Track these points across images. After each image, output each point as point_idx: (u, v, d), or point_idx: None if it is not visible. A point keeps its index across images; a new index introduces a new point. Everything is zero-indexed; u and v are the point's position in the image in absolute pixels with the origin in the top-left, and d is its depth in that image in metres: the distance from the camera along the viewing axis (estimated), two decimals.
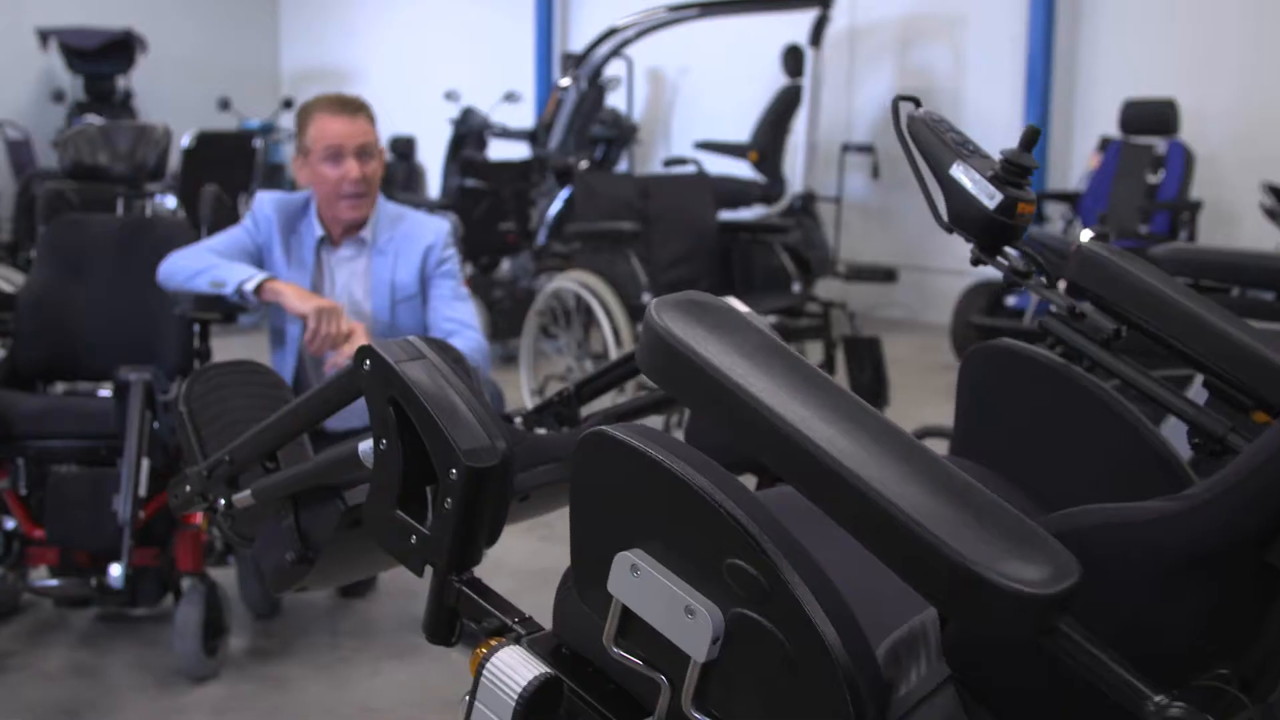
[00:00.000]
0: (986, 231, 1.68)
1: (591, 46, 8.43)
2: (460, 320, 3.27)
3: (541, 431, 2.20)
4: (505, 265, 7.43)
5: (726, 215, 6.23)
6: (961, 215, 1.72)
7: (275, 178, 10.97)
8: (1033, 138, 1.66)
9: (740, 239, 5.31)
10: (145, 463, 2.89)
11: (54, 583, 3.04)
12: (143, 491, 2.87)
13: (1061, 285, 1.65)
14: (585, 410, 2.23)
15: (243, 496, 1.76)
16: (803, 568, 1.05)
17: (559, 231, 7.55)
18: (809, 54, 7.91)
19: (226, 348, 3.51)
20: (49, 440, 3.04)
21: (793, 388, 1.08)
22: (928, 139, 1.81)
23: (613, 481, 1.19)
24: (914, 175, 1.86)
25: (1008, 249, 1.71)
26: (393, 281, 3.26)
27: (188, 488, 1.83)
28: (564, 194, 7.66)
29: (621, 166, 8.77)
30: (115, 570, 2.82)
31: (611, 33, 8.31)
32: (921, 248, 8.58)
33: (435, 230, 3.34)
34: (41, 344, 3.38)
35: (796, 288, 5.11)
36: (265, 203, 3.28)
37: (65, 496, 2.92)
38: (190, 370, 3.35)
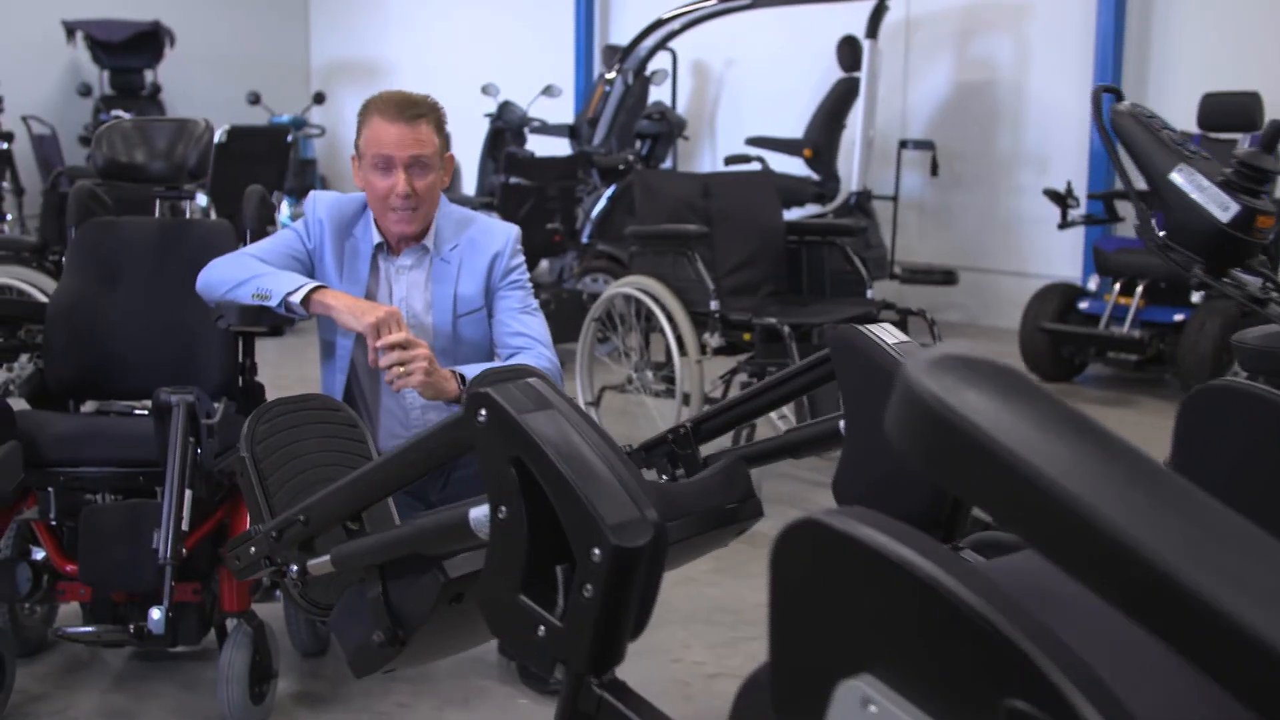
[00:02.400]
0: (1216, 249, 1.35)
1: (638, 38, 8.13)
2: (530, 335, 2.98)
3: (651, 474, 1.90)
4: (544, 265, 7.15)
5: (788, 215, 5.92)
6: (1184, 229, 1.39)
7: (305, 174, 10.74)
8: (1276, 135, 1.34)
9: (808, 240, 5.00)
10: (188, 494, 2.60)
11: (88, 630, 2.77)
12: (185, 526, 2.58)
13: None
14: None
15: (320, 563, 1.47)
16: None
17: (604, 231, 7.27)
18: (866, 46, 7.59)
19: (262, 356, 3.23)
20: (82, 467, 2.76)
21: (1118, 478, 0.79)
22: (1140, 138, 1.47)
23: (833, 586, 0.90)
24: (1120, 180, 1.54)
25: (1238, 272, 1.38)
26: (456, 294, 2.98)
27: (253, 549, 1.54)
28: (609, 192, 7.39)
29: (666, 164, 8.48)
30: (155, 614, 2.53)
31: (658, 24, 8.01)
32: (981, 248, 8.27)
33: (503, 237, 3.05)
34: (72, 359, 3.09)
35: (870, 293, 4.79)
36: (318, 204, 3.00)
37: (100, 531, 2.63)
38: (233, 389, 3.07)
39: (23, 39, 10.61)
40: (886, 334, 1.62)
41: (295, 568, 1.49)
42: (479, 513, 1.25)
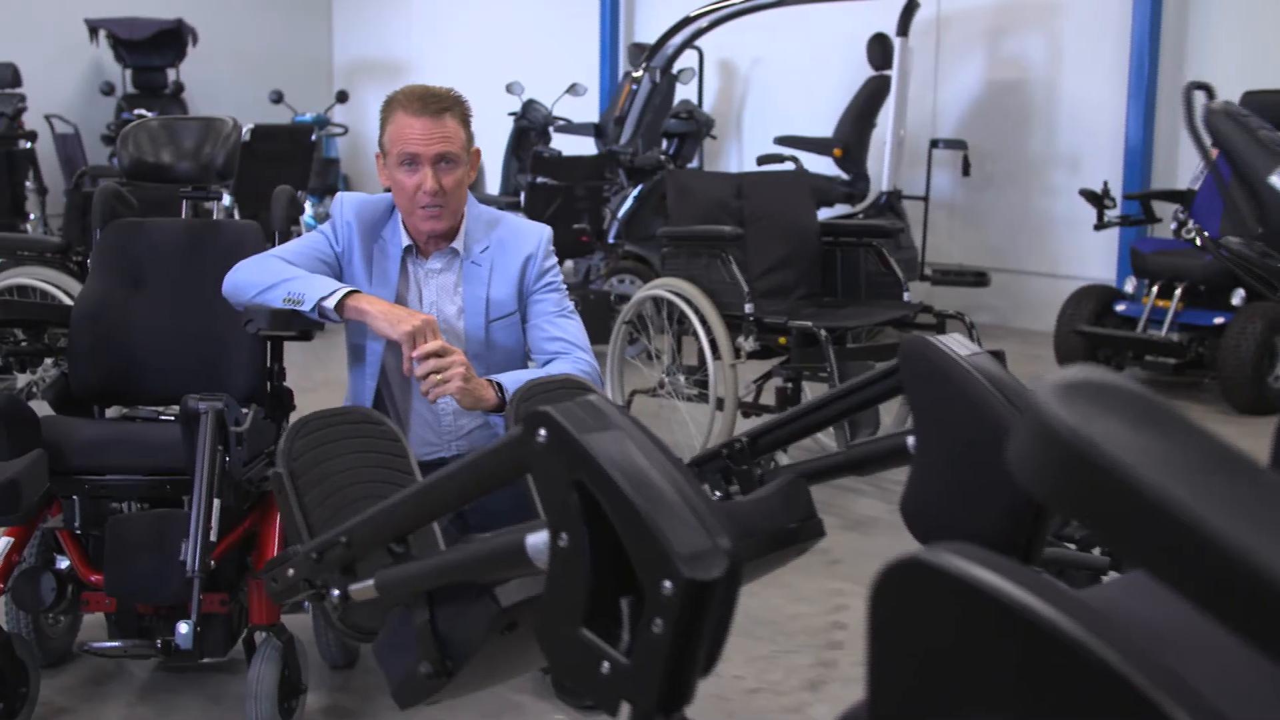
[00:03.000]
0: None
1: (665, 36, 8.03)
2: (567, 340, 2.90)
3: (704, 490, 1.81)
4: (569, 266, 7.07)
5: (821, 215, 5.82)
6: None
7: (328, 173, 10.68)
8: None
9: (842, 242, 4.90)
10: (216, 503, 2.52)
11: (114, 645, 2.70)
12: (213, 536, 2.51)
13: None
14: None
15: (363, 588, 1.38)
16: None
17: (631, 231, 7.19)
18: (896, 44, 7.48)
19: (285, 359, 3.14)
20: (108, 475, 2.68)
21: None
22: (1236, 138, 1.37)
23: (938, 627, 0.82)
24: (1214, 180, 1.43)
25: None
26: (488, 297, 2.89)
27: (291, 572, 1.46)
28: (636, 192, 7.30)
29: (692, 163, 8.38)
30: (183, 629, 2.45)
31: (685, 22, 7.91)
32: (1013, 249, 8.15)
33: (535, 238, 2.97)
34: (98, 364, 3.02)
35: (907, 295, 4.69)
36: (346, 206, 2.92)
37: (126, 542, 2.56)
38: (261, 394, 2.99)
39: (46, 38, 10.57)
40: (959, 345, 1.53)
41: (336, 592, 1.40)
42: (537, 539, 1.16)
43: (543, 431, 1.11)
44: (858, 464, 1.65)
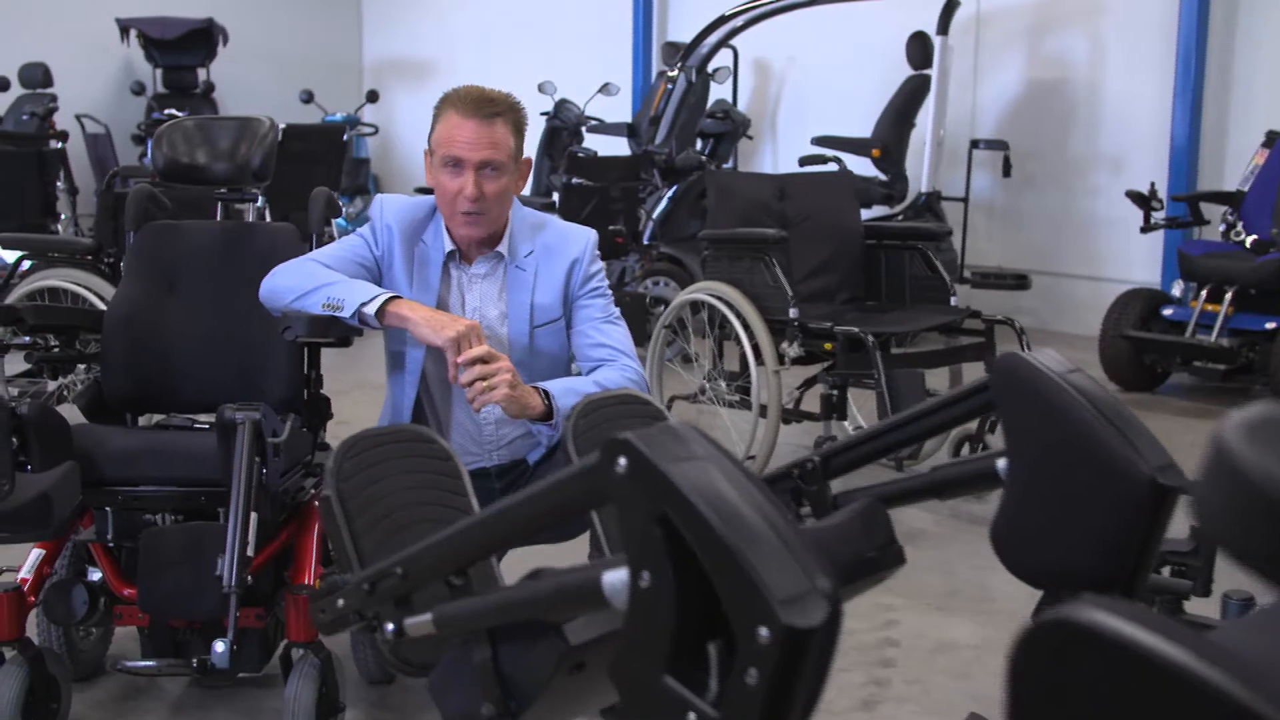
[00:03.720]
0: None
1: (700, 35, 7.92)
2: (613, 346, 2.80)
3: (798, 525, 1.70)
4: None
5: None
6: None
7: (358, 173, 10.63)
8: None
9: (886, 245, 4.79)
10: (253, 517, 2.44)
11: (148, 664, 2.62)
12: (250, 551, 2.42)
13: None
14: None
15: (419, 622, 1.29)
16: None
17: (666, 232, 7.09)
18: (936, 43, 7.36)
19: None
20: (141, 486, 2.60)
21: None
22: None
23: (1094, 694, 0.73)
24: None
25: None
26: (532, 303, 2.80)
27: (340, 603, 1.36)
28: (670, 192, 7.21)
29: (727, 164, 8.28)
30: (219, 647, 2.37)
31: (721, 20, 7.81)
32: (1054, 251, 8.01)
33: (581, 242, 2.87)
34: (131, 370, 2.94)
35: (954, 299, 4.57)
36: (386, 209, 2.83)
37: (160, 557, 2.47)
38: (298, 402, 2.90)
39: (77, 37, 10.56)
40: (1054, 362, 1.42)
41: (390, 626, 1.31)
42: (615, 578, 1.06)
43: (623, 460, 1.02)
44: (941, 488, 1.54)
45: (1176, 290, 6.23)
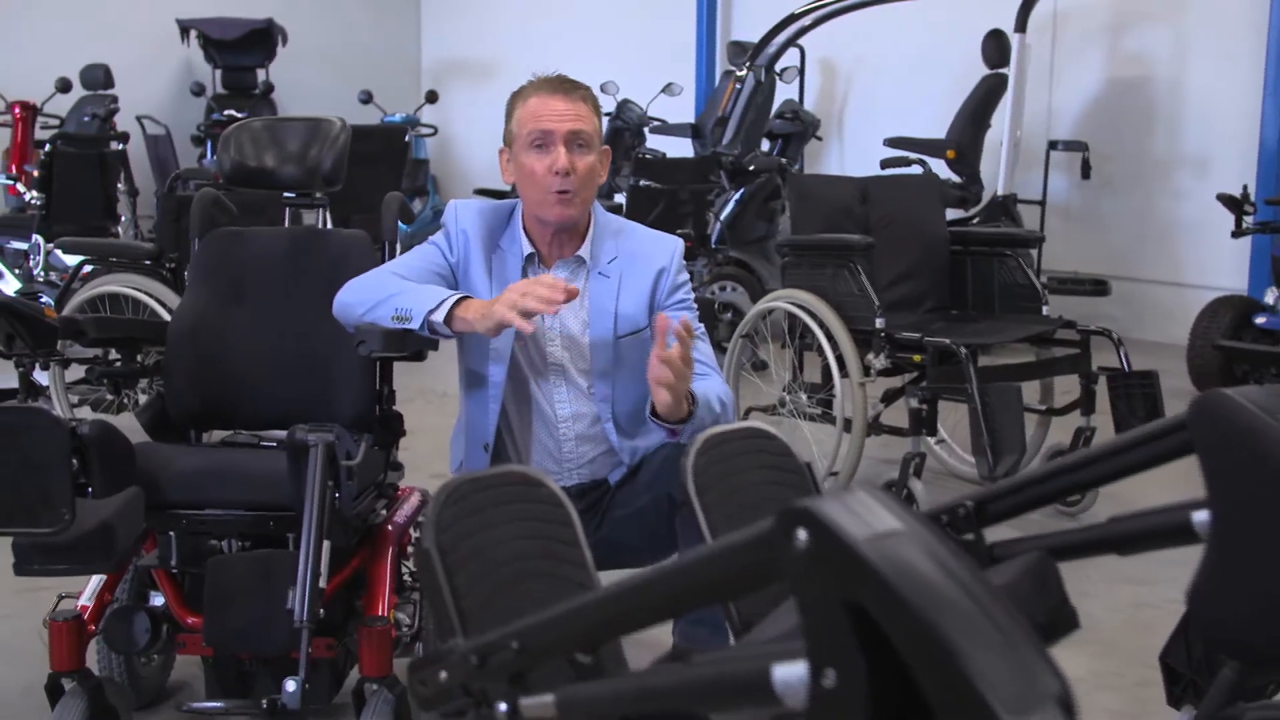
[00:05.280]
0: None
1: (769, 34, 7.73)
2: (701, 363, 2.63)
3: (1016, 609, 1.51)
4: None
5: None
6: None
7: (418, 174, 10.52)
8: None
9: (973, 251, 4.58)
10: (325, 545, 2.28)
11: (215, 705, 2.47)
12: (322, 582, 2.26)
13: None
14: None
15: (539, 704, 1.11)
16: None
17: (733, 236, 6.92)
18: (1014, 41, 7.12)
19: None
20: (207, 510, 2.45)
21: None
22: None
23: None
24: None
25: None
26: (616, 312, 2.64)
27: (444, 675, 1.19)
28: (738, 195, 7.03)
29: (794, 167, 8.08)
30: (291, 686, 2.21)
31: (791, 19, 7.61)
32: (1136, 255, 7.75)
33: (668, 250, 2.72)
34: (196, 386, 2.79)
35: (1045, 309, 4.36)
36: (461, 214, 2.68)
37: (227, 588, 2.32)
38: (370, 419, 2.74)
39: (138, 38, 10.54)
40: (1268, 399, 1.22)
41: (504, 706, 1.13)
42: (789, 674, 0.88)
43: (802, 533, 0.84)
44: (1122, 543, 1.34)
45: (1270, 298, 5.97)
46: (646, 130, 8.56)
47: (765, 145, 8.03)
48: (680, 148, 8.37)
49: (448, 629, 1.25)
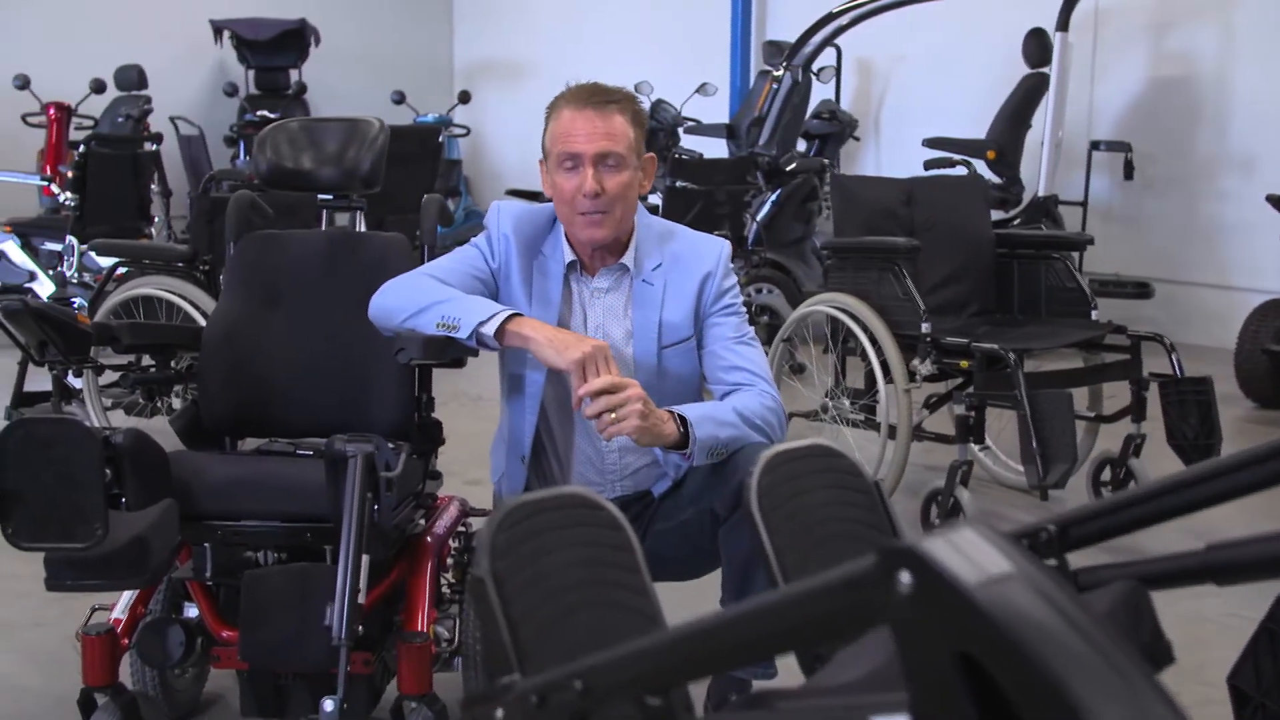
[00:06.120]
0: None
1: (807, 34, 7.64)
2: (750, 370, 2.56)
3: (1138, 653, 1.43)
4: None
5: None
6: None
7: (450, 175, 10.47)
8: None
9: (1020, 254, 4.47)
10: (364, 559, 2.21)
11: None
12: (361, 598, 2.20)
13: None
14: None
15: None
16: None
17: (770, 238, 6.83)
18: (1056, 39, 7.00)
19: None
20: (243, 521, 2.39)
21: None
22: None
23: None
24: None
25: None
26: (661, 321, 2.56)
27: (500, 714, 1.11)
28: (774, 196, 6.94)
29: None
30: (329, 705, 2.15)
31: (829, 18, 7.52)
32: (1180, 257, 7.62)
33: (714, 254, 2.63)
34: (231, 393, 2.73)
35: (1095, 314, 4.25)
36: (503, 217, 2.61)
37: (263, 603, 2.26)
38: (409, 427, 2.67)
39: (171, 39, 10.54)
40: None
41: None
42: None
43: (906, 577, 0.76)
44: (1222, 572, 1.26)
45: None
46: (681, 130, 8.48)
47: (801, 146, 7.93)
48: (715, 148, 8.28)
49: (502, 661, 1.18)
